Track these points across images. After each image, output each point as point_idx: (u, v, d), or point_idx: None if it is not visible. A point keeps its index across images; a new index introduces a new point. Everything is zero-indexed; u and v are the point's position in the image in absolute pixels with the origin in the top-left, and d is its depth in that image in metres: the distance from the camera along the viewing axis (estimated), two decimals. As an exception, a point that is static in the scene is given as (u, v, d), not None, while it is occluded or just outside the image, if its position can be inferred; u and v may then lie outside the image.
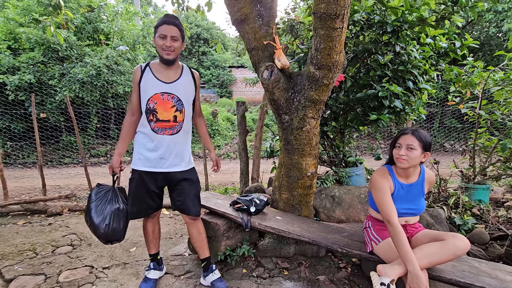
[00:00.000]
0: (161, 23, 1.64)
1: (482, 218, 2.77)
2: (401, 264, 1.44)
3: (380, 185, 1.60)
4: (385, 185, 1.59)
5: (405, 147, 1.56)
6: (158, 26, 1.65)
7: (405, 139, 1.57)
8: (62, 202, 3.78)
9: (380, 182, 1.60)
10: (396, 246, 1.46)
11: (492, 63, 9.24)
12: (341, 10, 1.66)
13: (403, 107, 2.55)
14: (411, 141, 1.54)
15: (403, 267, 1.42)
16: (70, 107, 3.78)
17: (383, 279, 1.42)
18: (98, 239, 1.74)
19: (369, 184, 1.70)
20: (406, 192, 1.66)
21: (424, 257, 1.43)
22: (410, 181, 1.67)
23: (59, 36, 3.10)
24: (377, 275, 1.47)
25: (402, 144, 1.57)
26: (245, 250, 2.23)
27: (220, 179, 6.04)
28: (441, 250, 1.43)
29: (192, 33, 16.73)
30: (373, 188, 1.63)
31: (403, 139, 1.58)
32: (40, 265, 2.28)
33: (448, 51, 2.59)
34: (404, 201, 1.65)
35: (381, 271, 1.45)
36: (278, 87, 2.12)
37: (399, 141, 1.59)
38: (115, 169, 1.79)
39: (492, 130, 3.40)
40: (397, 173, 1.67)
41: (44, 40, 7.24)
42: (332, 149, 3.22)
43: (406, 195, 1.66)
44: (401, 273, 1.43)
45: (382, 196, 1.57)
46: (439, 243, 1.46)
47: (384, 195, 1.57)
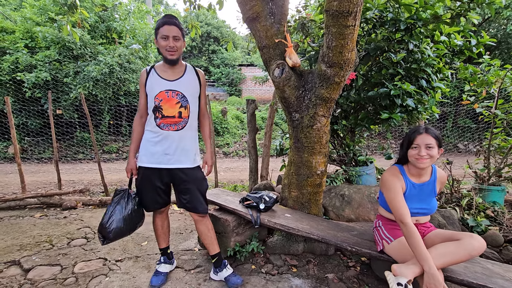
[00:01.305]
0: (161, 24, 1.67)
1: (497, 220, 2.71)
2: (417, 264, 1.42)
3: (392, 184, 1.58)
4: (396, 184, 1.58)
5: (424, 146, 1.53)
6: (159, 27, 1.68)
7: (423, 139, 1.54)
8: (77, 196, 3.90)
9: (391, 182, 1.59)
10: (411, 246, 1.45)
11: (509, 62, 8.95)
12: (354, 7, 1.65)
13: (416, 106, 2.52)
14: (430, 140, 1.53)
15: (419, 267, 1.41)
16: (84, 104, 3.88)
17: (399, 279, 1.40)
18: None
19: (380, 183, 1.69)
20: (418, 191, 1.64)
21: (439, 257, 1.41)
22: (422, 180, 1.65)
23: (75, 35, 3.19)
24: (392, 275, 1.46)
25: (420, 144, 1.54)
26: (254, 246, 2.26)
27: (229, 176, 6.09)
28: (457, 250, 1.41)
29: (203, 31, 16.84)
30: (384, 188, 1.62)
31: (420, 139, 1.54)
32: (56, 256, 2.37)
33: (463, 49, 2.53)
34: (416, 201, 1.64)
35: (397, 271, 1.44)
36: (289, 85, 2.12)
37: (416, 142, 1.55)
38: (129, 173, 1.85)
39: (508, 131, 3.31)
40: (409, 172, 1.66)
41: (60, 38, 7.43)
42: (342, 147, 3.21)
43: (418, 194, 1.64)
44: (417, 273, 1.41)
45: (394, 196, 1.55)
46: (455, 243, 1.44)
47: (396, 195, 1.55)
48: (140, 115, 1.84)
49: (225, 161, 8.58)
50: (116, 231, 1.72)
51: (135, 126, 1.86)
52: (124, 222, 1.74)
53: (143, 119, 1.84)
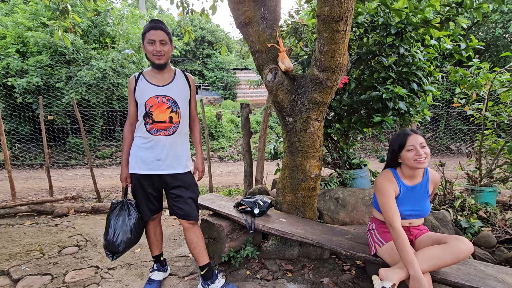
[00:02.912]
0: (148, 29, 1.67)
1: (489, 221, 2.74)
2: (403, 267, 1.43)
3: (385, 188, 1.59)
4: (389, 189, 1.59)
5: (419, 146, 1.55)
6: (145, 32, 1.67)
7: (415, 139, 1.56)
8: (68, 203, 3.83)
9: (384, 186, 1.60)
10: (398, 249, 1.46)
11: (498, 64, 9.15)
12: (344, 12, 1.67)
13: (408, 109, 2.54)
14: (421, 139, 1.56)
15: (405, 271, 1.41)
16: (77, 110, 3.83)
17: (384, 283, 1.41)
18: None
19: (374, 187, 1.70)
20: (412, 193, 1.65)
21: (426, 261, 1.42)
22: (415, 182, 1.67)
23: (67, 40, 3.16)
24: (378, 279, 1.46)
25: (415, 144, 1.55)
26: (249, 251, 2.24)
27: (224, 181, 6.06)
28: (443, 253, 1.42)
29: (197, 35, 16.86)
30: (378, 192, 1.63)
31: (413, 139, 1.56)
32: (46, 265, 2.31)
33: (453, 53, 2.58)
34: (409, 203, 1.64)
35: (383, 275, 1.45)
36: (281, 89, 2.13)
37: (410, 143, 1.56)
38: (124, 182, 1.82)
39: (498, 132, 3.36)
40: (402, 175, 1.67)
41: (52, 43, 7.37)
42: (336, 151, 3.22)
43: (411, 196, 1.65)
44: (403, 277, 1.42)
45: (387, 200, 1.56)
46: (441, 246, 1.45)
47: (389, 199, 1.56)
48: (130, 123, 1.82)
49: (220, 165, 8.54)
50: (126, 242, 1.70)
51: (126, 134, 1.84)
52: (132, 232, 1.72)
53: (133, 126, 1.82)
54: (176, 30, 15.32)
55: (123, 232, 1.70)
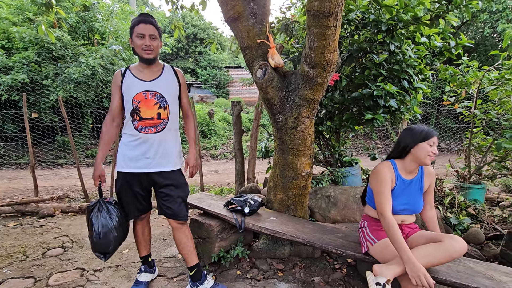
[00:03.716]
0: (137, 23, 1.61)
1: (478, 218, 2.77)
2: (398, 263, 1.42)
3: (384, 176, 1.58)
4: (388, 177, 1.58)
5: (436, 146, 1.58)
6: (134, 26, 1.62)
7: (436, 139, 1.58)
8: (55, 203, 3.73)
9: (384, 173, 1.59)
10: (390, 237, 1.46)
11: (487, 63, 9.30)
12: (334, 8, 1.64)
13: (398, 107, 2.54)
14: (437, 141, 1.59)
15: (399, 266, 1.40)
16: (62, 107, 3.72)
17: (378, 279, 1.39)
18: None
19: (371, 174, 1.66)
20: (407, 187, 1.64)
21: (420, 259, 1.40)
22: (411, 177, 1.66)
23: (51, 35, 3.05)
24: (372, 275, 1.45)
25: (435, 142, 1.57)
26: (239, 251, 2.20)
27: (216, 179, 6.01)
28: (437, 251, 1.41)
29: (189, 33, 16.67)
30: (376, 178, 1.60)
31: (436, 139, 1.57)
32: (29, 268, 2.24)
33: (443, 51, 2.58)
34: (403, 197, 1.64)
35: (377, 271, 1.43)
36: (272, 86, 2.09)
37: (434, 140, 1.56)
38: (97, 180, 1.72)
39: (487, 130, 3.40)
40: (401, 168, 1.65)
41: (38, 39, 7.16)
42: (328, 149, 3.21)
43: (406, 190, 1.64)
44: (397, 273, 1.41)
45: (383, 188, 1.55)
46: (436, 245, 1.44)
47: (385, 187, 1.56)
48: (112, 118, 1.74)
49: (213, 163, 8.48)
50: (113, 241, 1.65)
51: (106, 129, 1.73)
52: (117, 230, 1.67)
53: (114, 122, 1.75)
54: (168, 27, 15.12)
55: (108, 232, 1.64)
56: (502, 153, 3.06)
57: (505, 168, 3.15)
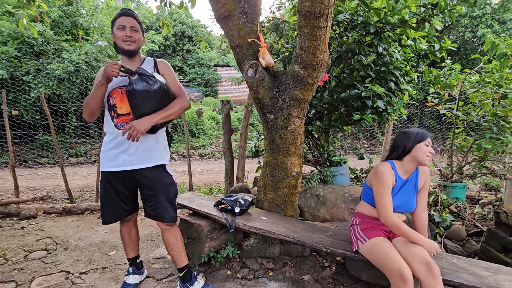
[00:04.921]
0: (118, 16, 1.59)
1: (459, 216, 2.88)
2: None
3: (386, 177, 1.61)
4: (390, 179, 1.63)
5: (431, 146, 1.65)
6: (116, 19, 1.59)
7: (430, 140, 1.65)
8: (37, 204, 3.59)
9: (386, 177, 1.62)
10: (403, 236, 1.56)
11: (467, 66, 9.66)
12: (325, 9, 1.66)
13: (385, 107, 2.60)
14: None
15: None
16: (45, 105, 3.59)
17: None
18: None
19: (373, 175, 1.67)
20: (403, 186, 1.70)
21: None
22: (407, 176, 1.72)
23: (32, 29, 2.94)
24: None
25: (430, 143, 1.65)
26: (230, 251, 2.20)
27: (205, 179, 5.96)
28: None
29: (176, 30, 16.43)
30: (378, 181, 1.63)
31: (430, 140, 1.65)
32: (10, 272, 2.15)
33: (428, 53, 2.66)
34: (400, 196, 1.68)
35: None
36: (262, 85, 2.09)
37: (429, 141, 1.64)
38: (113, 70, 1.48)
39: (468, 131, 3.53)
40: (399, 168, 1.70)
41: (18, 33, 6.88)
42: (317, 148, 3.24)
43: (402, 190, 1.69)
44: None
45: (386, 190, 1.60)
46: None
47: (388, 189, 1.60)
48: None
49: (201, 163, 8.41)
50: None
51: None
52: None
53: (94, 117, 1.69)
54: (155, 24, 14.84)
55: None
56: (482, 153, 3.19)
57: (485, 167, 3.28)
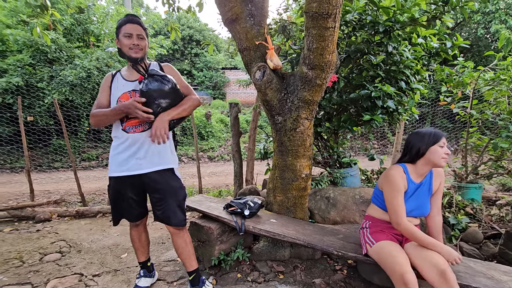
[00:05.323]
0: (124, 23, 1.60)
1: (475, 217, 2.79)
2: None
3: (398, 184, 1.57)
4: (401, 184, 1.58)
5: (446, 147, 1.59)
6: (121, 26, 1.61)
7: (444, 140, 1.58)
8: (51, 207, 3.68)
9: (398, 181, 1.57)
10: (417, 242, 1.51)
11: (480, 64, 9.41)
12: (333, 9, 1.64)
13: (396, 107, 2.55)
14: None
15: None
16: (58, 110, 3.69)
17: None
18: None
19: (384, 180, 1.64)
20: (417, 190, 1.64)
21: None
22: (420, 179, 1.66)
23: (46, 37, 3.02)
24: None
25: (445, 144, 1.58)
26: (240, 254, 2.19)
27: (214, 181, 5.98)
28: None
29: (185, 34, 16.63)
30: (389, 186, 1.59)
31: (444, 140, 1.58)
32: (26, 274, 2.20)
33: (440, 51, 2.60)
34: (413, 200, 1.63)
35: None
36: (270, 87, 2.09)
37: (443, 141, 1.57)
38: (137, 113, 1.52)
39: (483, 130, 3.43)
40: (412, 171, 1.64)
41: (33, 42, 7.09)
42: (326, 150, 3.21)
43: (416, 194, 1.64)
44: None
45: (397, 196, 1.55)
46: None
47: (399, 196, 1.55)
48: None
49: (210, 165, 8.45)
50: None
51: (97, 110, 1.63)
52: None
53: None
54: (163, 28, 15.06)
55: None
56: (498, 152, 3.09)
57: (502, 167, 3.18)
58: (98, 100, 1.70)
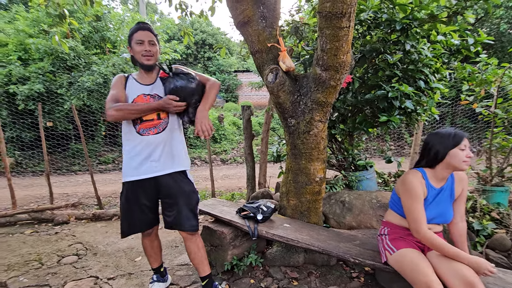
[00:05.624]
0: (135, 30, 1.64)
1: (502, 223, 2.62)
2: None
3: (416, 190, 1.48)
4: (420, 191, 1.48)
5: (469, 148, 1.48)
6: (133, 33, 1.64)
7: (467, 142, 1.48)
8: (69, 210, 3.78)
9: (416, 188, 1.48)
10: (439, 252, 1.42)
11: (504, 60, 8.98)
12: (347, 8, 1.59)
13: (415, 108, 2.45)
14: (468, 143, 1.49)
15: None
16: (76, 115, 3.79)
17: None
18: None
19: (401, 186, 1.55)
20: (437, 196, 1.55)
21: None
22: (441, 183, 1.56)
23: (64, 45, 3.12)
24: None
25: (467, 145, 1.47)
26: (253, 259, 2.15)
27: (226, 184, 5.98)
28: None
29: (197, 39, 16.86)
30: (407, 193, 1.50)
31: (466, 141, 1.47)
32: (45, 276, 2.25)
33: (461, 48, 2.48)
34: (434, 207, 1.54)
35: None
36: (283, 90, 2.05)
37: (465, 143, 1.46)
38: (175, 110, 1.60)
39: (509, 129, 3.24)
40: (431, 176, 1.55)
41: (53, 50, 7.38)
42: (341, 152, 3.13)
43: (437, 200, 1.54)
44: None
45: (417, 204, 1.46)
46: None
47: (418, 203, 1.46)
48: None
49: (223, 168, 8.47)
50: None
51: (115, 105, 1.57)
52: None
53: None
54: (177, 34, 15.34)
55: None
56: (526, 153, 2.91)
57: (530, 169, 2.99)
58: (115, 95, 1.62)
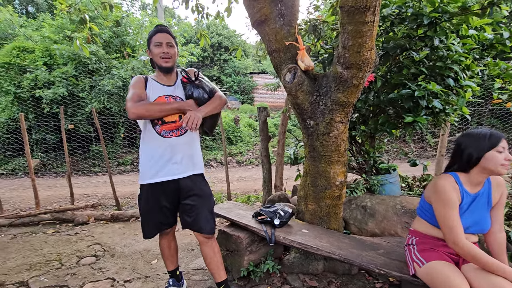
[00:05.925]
0: (154, 33, 1.64)
1: (544, 233, 2.40)
2: None
3: (450, 197, 1.35)
4: (454, 197, 1.36)
5: (508, 151, 1.35)
6: (151, 36, 1.64)
7: (505, 143, 1.35)
8: (89, 211, 3.85)
9: (450, 193, 1.36)
10: (479, 265, 1.29)
11: (537, 57, 8.40)
12: (372, 1, 1.49)
13: (443, 107, 2.29)
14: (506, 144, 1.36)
15: None
16: (96, 118, 3.88)
17: None
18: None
19: (433, 193, 1.43)
20: (473, 203, 1.41)
21: None
22: (477, 189, 1.42)
23: (85, 50, 3.19)
24: None
25: (505, 147, 1.35)
26: (270, 266, 2.08)
27: (242, 186, 5.93)
28: None
29: (214, 41, 17.04)
30: (440, 200, 1.38)
31: (504, 143, 1.34)
32: (64, 277, 2.28)
33: (494, 43, 2.30)
34: (470, 214, 1.40)
35: None
36: (301, 90, 1.97)
37: (503, 145, 1.34)
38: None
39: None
40: (465, 181, 1.42)
41: (76, 55, 7.65)
42: (361, 155, 2.99)
43: (472, 207, 1.41)
44: None
45: (451, 211, 1.34)
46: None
47: (453, 210, 1.34)
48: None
49: (239, 170, 8.44)
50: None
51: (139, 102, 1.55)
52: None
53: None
54: (194, 37, 15.56)
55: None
56: None
57: None
58: (137, 94, 1.57)
